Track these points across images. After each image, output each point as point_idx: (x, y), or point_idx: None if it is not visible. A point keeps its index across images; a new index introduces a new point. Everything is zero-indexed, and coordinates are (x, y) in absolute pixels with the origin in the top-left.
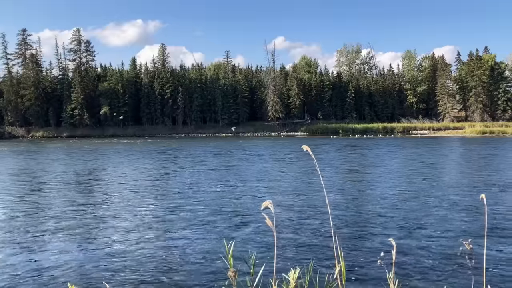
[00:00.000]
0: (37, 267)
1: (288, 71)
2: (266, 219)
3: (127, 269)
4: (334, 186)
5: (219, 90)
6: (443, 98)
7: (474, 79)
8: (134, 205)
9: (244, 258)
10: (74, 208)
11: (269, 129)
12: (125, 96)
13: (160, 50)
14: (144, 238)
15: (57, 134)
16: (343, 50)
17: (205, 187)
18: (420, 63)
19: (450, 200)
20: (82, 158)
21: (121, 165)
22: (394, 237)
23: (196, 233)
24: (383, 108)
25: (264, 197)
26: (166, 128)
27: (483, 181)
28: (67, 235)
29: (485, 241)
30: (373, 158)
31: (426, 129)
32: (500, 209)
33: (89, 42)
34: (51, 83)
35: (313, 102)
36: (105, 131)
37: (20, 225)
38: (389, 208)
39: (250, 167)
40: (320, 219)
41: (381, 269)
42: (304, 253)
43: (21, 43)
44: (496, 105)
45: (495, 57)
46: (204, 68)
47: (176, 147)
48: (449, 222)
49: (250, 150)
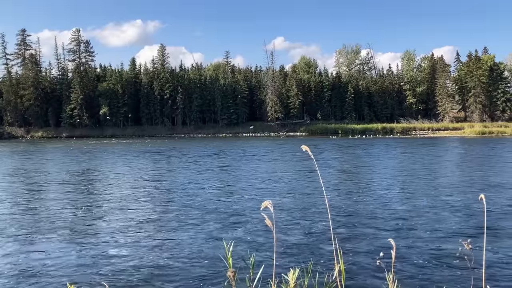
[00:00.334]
0: (33, 267)
1: (287, 71)
2: (266, 219)
3: (124, 269)
4: (333, 187)
5: (218, 91)
6: (442, 98)
7: (473, 80)
8: (130, 205)
9: (244, 258)
10: (69, 209)
11: (268, 130)
12: (125, 96)
13: (159, 51)
14: (142, 238)
15: (57, 134)
16: (343, 50)
17: (204, 187)
18: (419, 63)
19: (449, 200)
20: (78, 158)
21: (116, 166)
22: (394, 237)
23: (195, 233)
24: (382, 108)
25: (263, 198)
26: (165, 129)
27: (481, 181)
28: (64, 235)
29: (484, 241)
30: (372, 159)
31: (425, 129)
32: (498, 209)
33: (89, 42)
34: (50, 83)
35: (313, 102)
36: (104, 131)
37: (15, 225)
38: (388, 208)
39: (249, 167)
40: (319, 219)
41: (380, 269)
42: (304, 253)
43: (20, 43)
44: (495, 106)
45: (494, 58)
46: (203, 68)
47: (175, 147)
48: (448, 222)
49: (249, 151)
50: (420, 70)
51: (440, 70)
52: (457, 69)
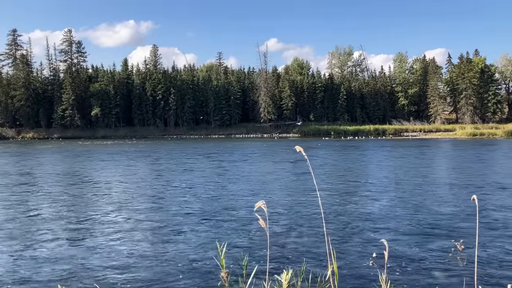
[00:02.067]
0: (23, 270)
1: (280, 72)
2: (259, 219)
3: (116, 270)
4: (326, 188)
5: (211, 92)
6: (434, 100)
7: (464, 82)
8: (121, 208)
9: (237, 259)
10: (59, 212)
11: (261, 131)
12: (117, 97)
13: (152, 51)
14: (134, 239)
15: (48, 135)
16: (335, 52)
17: (197, 188)
18: (411, 65)
19: (441, 200)
20: (68, 160)
21: (107, 168)
22: (386, 238)
23: (188, 234)
24: (374, 110)
25: (257, 198)
26: (158, 130)
27: (473, 182)
28: (54, 239)
29: (477, 241)
30: (364, 160)
31: (417, 131)
32: (490, 210)
33: (81, 43)
34: (41, 84)
35: (305, 103)
36: (96, 132)
37: (4, 228)
38: (381, 209)
39: (242, 168)
40: (313, 220)
41: (373, 270)
42: (297, 254)
43: (11, 44)
44: (486, 108)
45: (485, 60)
46: (196, 69)
47: (167, 148)
48: (440, 222)
49: (242, 152)
50: (412, 72)
51: (432, 72)
52: (448, 71)
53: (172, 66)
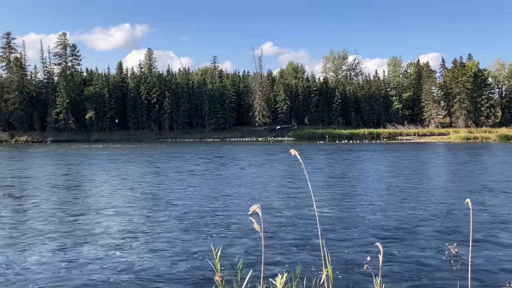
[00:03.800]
0: (14, 274)
1: (275, 76)
2: (254, 223)
3: (108, 275)
4: (321, 191)
5: (206, 95)
6: (428, 104)
7: (458, 86)
8: (115, 212)
9: (232, 263)
10: (52, 215)
11: (256, 134)
12: (111, 100)
13: (146, 55)
14: (128, 242)
15: (42, 138)
16: (330, 56)
17: (192, 192)
18: (405, 69)
19: (435, 204)
20: (62, 163)
21: (102, 172)
22: (381, 241)
23: (183, 238)
24: (369, 114)
25: (251, 202)
26: (152, 133)
27: (467, 186)
28: (47, 242)
29: (470, 245)
30: (359, 164)
31: (411, 134)
32: (484, 214)
33: (75, 46)
34: (35, 87)
35: (300, 107)
36: (90, 136)
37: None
38: (375, 213)
39: (237, 172)
40: (307, 224)
41: (367, 274)
42: (292, 257)
43: (5, 47)
44: (479, 112)
45: (479, 64)
46: (191, 73)
47: (162, 152)
48: (434, 226)
49: (237, 156)
50: (406, 76)
51: (426, 76)
52: (442, 75)
53: (167, 70)
